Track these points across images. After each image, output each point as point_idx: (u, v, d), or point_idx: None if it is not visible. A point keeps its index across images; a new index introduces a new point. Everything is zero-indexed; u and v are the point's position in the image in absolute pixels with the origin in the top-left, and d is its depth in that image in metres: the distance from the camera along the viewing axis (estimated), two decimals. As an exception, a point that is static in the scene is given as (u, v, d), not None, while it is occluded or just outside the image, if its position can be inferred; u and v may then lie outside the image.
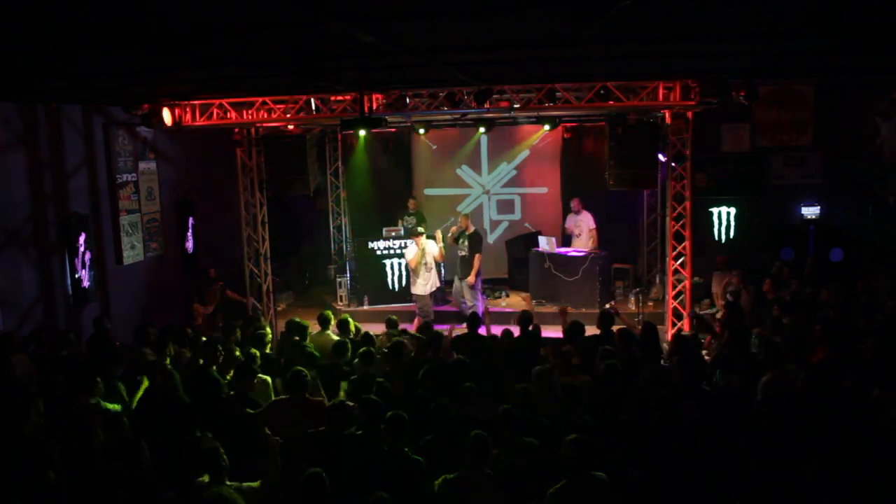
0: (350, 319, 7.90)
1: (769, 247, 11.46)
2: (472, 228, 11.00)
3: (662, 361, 6.90)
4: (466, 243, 10.83)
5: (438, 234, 10.69)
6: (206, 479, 4.30)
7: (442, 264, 10.74)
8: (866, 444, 4.42)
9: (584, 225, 11.88)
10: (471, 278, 10.69)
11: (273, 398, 5.92)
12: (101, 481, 4.40)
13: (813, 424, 5.04)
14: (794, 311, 8.20)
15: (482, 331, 7.43)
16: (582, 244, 11.88)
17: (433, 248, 10.34)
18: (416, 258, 10.19)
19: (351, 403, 5.06)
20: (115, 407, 5.65)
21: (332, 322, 7.82)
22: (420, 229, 10.37)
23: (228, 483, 4.30)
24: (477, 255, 10.67)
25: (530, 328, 7.42)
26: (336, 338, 7.49)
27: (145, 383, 6.11)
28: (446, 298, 11.85)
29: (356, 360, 6.49)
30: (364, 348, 6.52)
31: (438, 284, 10.28)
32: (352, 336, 7.57)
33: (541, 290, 11.77)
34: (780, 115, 11.95)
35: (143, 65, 5.93)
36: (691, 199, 9.86)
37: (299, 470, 4.21)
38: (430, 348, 6.83)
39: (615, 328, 7.37)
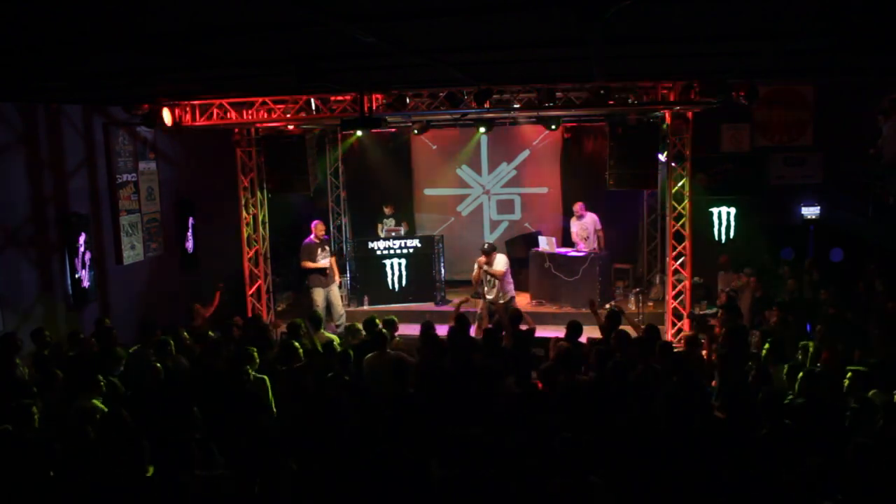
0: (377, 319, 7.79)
1: (769, 247, 11.46)
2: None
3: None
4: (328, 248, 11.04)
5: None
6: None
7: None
8: (862, 443, 4.42)
9: (590, 227, 11.72)
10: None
11: (271, 398, 5.98)
12: (101, 478, 4.41)
13: (810, 424, 5.05)
14: (795, 311, 8.22)
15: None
16: (590, 246, 11.80)
17: (499, 265, 9.84)
18: (476, 275, 9.97)
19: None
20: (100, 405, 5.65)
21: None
22: (486, 246, 9.95)
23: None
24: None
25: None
26: (332, 337, 7.52)
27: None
28: (446, 299, 11.89)
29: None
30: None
31: (512, 294, 10.04)
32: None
33: (541, 290, 11.78)
34: (780, 115, 11.93)
35: (143, 65, 5.93)
36: (691, 199, 9.86)
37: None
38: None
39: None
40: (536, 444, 4.67)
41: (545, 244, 11.75)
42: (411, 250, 12.00)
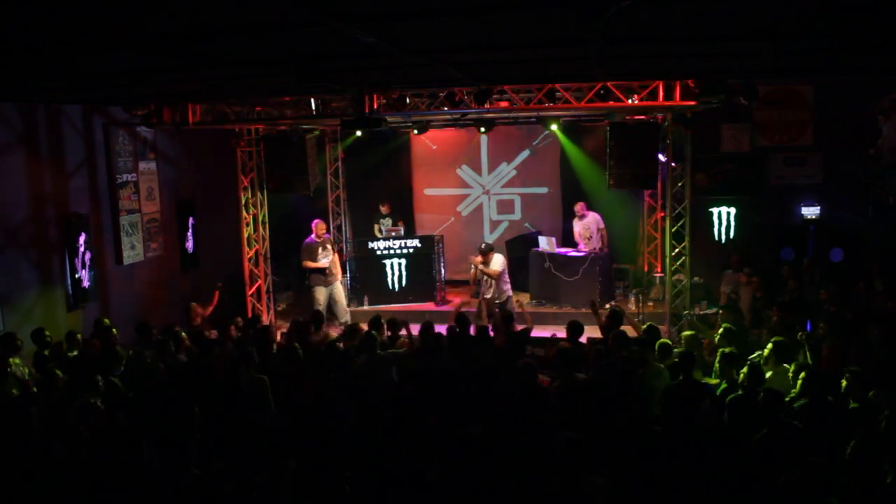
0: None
1: (769, 247, 11.46)
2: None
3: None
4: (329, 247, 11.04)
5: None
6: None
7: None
8: (862, 443, 4.42)
9: (593, 227, 11.67)
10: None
11: (271, 398, 5.99)
12: (101, 478, 4.41)
13: (811, 424, 5.04)
14: (795, 311, 8.21)
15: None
16: (593, 245, 11.77)
17: (495, 265, 9.91)
18: (473, 275, 10.07)
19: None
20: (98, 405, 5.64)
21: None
22: (483, 246, 10.05)
23: None
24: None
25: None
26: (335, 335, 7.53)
27: None
28: (446, 299, 11.89)
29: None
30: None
31: (509, 294, 10.10)
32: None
33: (541, 290, 11.77)
34: (780, 115, 11.93)
35: (143, 65, 5.93)
36: (691, 199, 9.87)
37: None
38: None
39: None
40: (536, 444, 4.66)
41: (545, 244, 11.74)
42: (411, 250, 12.00)
